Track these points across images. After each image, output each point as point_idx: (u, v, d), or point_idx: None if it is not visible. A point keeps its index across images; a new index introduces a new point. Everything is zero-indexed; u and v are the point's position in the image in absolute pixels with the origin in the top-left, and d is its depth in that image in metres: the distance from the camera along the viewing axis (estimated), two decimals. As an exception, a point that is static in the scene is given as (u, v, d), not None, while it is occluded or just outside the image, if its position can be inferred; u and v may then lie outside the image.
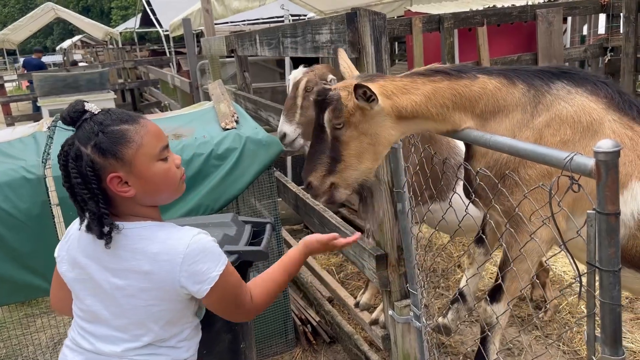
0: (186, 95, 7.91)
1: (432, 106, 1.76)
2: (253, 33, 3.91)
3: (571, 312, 3.35)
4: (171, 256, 1.37)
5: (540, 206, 1.65)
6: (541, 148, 1.24)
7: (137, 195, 1.39)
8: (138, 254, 1.38)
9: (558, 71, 1.81)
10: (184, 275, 1.38)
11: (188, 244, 1.38)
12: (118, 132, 1.35)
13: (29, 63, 14.66)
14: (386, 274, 2.49)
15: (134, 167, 1.36)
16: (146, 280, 1.39)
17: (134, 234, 1.39)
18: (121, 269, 1.39)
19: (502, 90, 1.80)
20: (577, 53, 6.25)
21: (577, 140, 1.74)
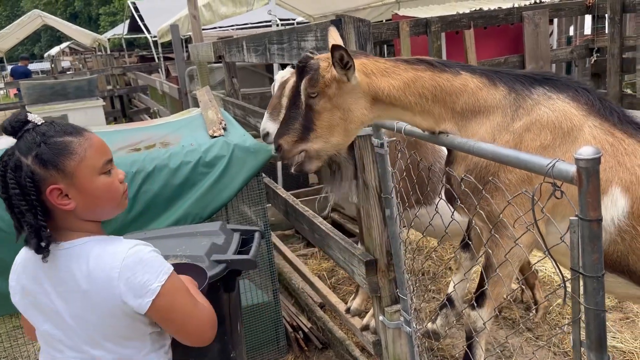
0: (175, 101, 7.89)
1: (411, 94, 1.76)
2: (240, 39, 3.91)
3: (561, 313, 3.36)
4: (107, 272, 1.32)
5: (521, 210, 1.66)
6: (524, 155, 1.24)
7: (77, 209, 1.35)
8: (75, 273, 1.34)
9: (540, 77, 1.82)
10: (122, 289, 1.32)
11: (123, 257, 1.33)
12: (61, 144, 1.32)
13: (15, 71, 14.56)
14: (376, 279, 2.49)
15: (76, 180, 1.33)
16: (87, 299, 1.34)
17: (71, 253, 1.35)
18: (64, 290, 1.36)
19: (484, 91, 1.80)
20: (563, 54, 6.30)
21: (558, 145, 1.75)
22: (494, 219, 1.73)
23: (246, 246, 2.43)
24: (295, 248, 4.97)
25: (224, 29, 12.54)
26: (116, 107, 13.02)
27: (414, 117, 1.82)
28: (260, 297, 3.24)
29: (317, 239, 3.05)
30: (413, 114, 1.81)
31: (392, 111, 1.83)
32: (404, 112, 1.82)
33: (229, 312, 2.21)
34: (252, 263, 2.20)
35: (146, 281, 1.33)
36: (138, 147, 3.02)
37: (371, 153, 2.35)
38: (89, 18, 41.97)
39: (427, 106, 1.78)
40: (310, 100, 1.79)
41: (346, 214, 5.31)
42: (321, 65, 1.76)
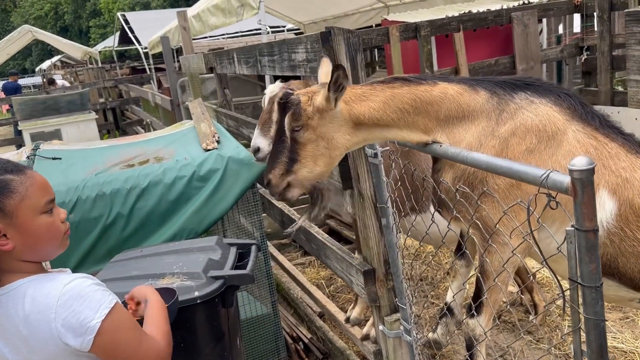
0: (168, 112, 7.87)
1: (392, 111, 1.80)
2: (231, 51, 3.91)
3: (561, 315, 3.36)
4: (43, 314, 1.26)
5: (513, 218, 1.66)
6: (517, 165, 1.24)
7: (16, 249, 1.29)
8: (14, 319, 1.27)
9: (521, 82, 1.84)
10: (61, 331, 1.26)
11: (59, 296, 1.26)
12: (1, 182, 1.28)
13: (6, 88, 14.52)
14: (374, 289, 2.48)
15: (16, 219, 1.28)
16: (28, 345, 1.27)
17: (7, 298, 1.28)
18: (7, 337, 1.29)
19: (465, 96, 1.82)
20: (553, 53, 6.32)
21: (543, 149, 1.76)
22: (485, 226, 1.73)
23: (243, 260, 2.42)
24: (292, 257, 4.96)
25: (214, 38, 12.54)
26: (109, 120, 12.99)
27: (401, 133, 1.85)
28: (259, 309, 3.23)
29: (314, 249, 3.05)
30: (399, 129, 1.85)
31: (377, 132, 1.87)
32: (390, 130, 1.85)
33: (227, 328, 2.19)
34: (249, 278, 2.19)
35: (84, 318, 1.27)
36: (132, 162, 3.01)
37: (365, 163, 2.35)
38: (80, 31, 41.95)
39: (410, 119, 1.82)
40: (295, 133, 1.84)
41: (343, 221, 5.30)
42: (302, 100, 1.83)
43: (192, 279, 2.06)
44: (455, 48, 5.39)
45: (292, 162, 1.85)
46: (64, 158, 3.17)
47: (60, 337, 1.26)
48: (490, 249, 1.74)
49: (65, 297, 1.26)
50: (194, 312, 2.02)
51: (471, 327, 1.90)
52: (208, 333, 2.10)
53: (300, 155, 1.84)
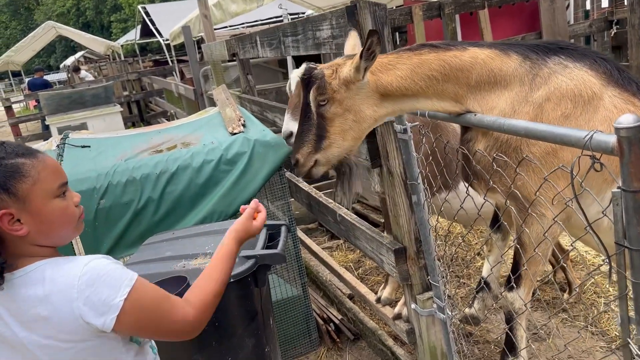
0: (191, 102, 7.92)
1: (419, 79, 1.75)
2: (253, 35, 3.89)
3: (596, 292, 3.29)
4: (64, 294, 1.24)
5: (552, 186, 1.62)
6: (559, 129, 1.20)
7: (31, 235, 1.27)
8: (32, 300, 1.25)
9: (555, 46, 1.77)
10: (83, 310, 1.24)
11: (79, 276, 1.25)
12: (12, 166, 1.25)
13: (33, 84, 14.77)
14: (406, 267, 2.46)
15: (29, 204, 1.26)
16: (49, 326, 1.26)
17: (26, 280, 1.27)
18: (25, 321, 1.27)
19: (496, 60, 1.76)
20: (581, 29, 6.15)
21: (579, 114, 1.70)
22: (522, 195, 1.69)
23: (273, 241, 2.42)
24: (319, 241, 4.96)
25: (234, 27, 12.54)
26: (134, 112, 13.14)
27: (430, 102, 1.80)
28: (290, 291, 3.24)
29: (342, 231, 3.03)
30: (428, 98, 1.79)
31: (406, 102, 1.82)
32: (418, 99, 1.80)
33: (260, 307, 2.20)
34: (281, 257, 2.19)
35: (107, 297, 1.25)
36: (160, 148, 3.03)
37: (394, 140, 2.31)
38: (101, 26, 42.43)
39: (440, 87, 1.76)
40: (321, 109, 1.81)
41: (369, 204, 5.28)
42: (326, 73, 1.80)
43: (224, 258, 2.07)
44: (481, 26, 5.28)
45: (320, 140, 1.82)
46: (93, 146, 3.20)
47: (82, 317, 1.25)
48: (528, 220, 1.69)
49: (86, 276, 1.25)
50: (228, 292, 2.01)
51: (510, 300, 1.86)
52: (241, 312, 2.11)
53: (328, 132, 1.80)
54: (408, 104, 1.82)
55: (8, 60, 21.70)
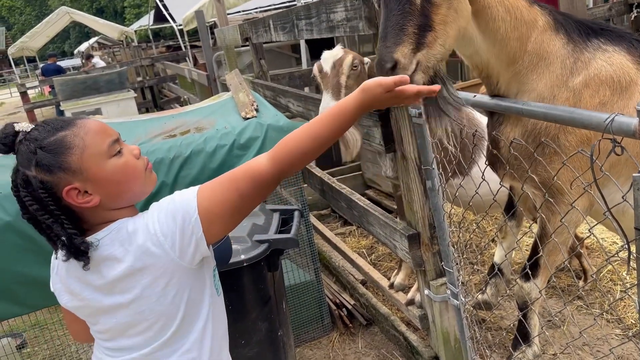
0: (204, 88, 7.91)
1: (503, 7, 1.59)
2: (267, 19, 3.86)
3: (613, 280, 3.26)
4: (159, 238, 1.24)
5: (580, 174, 1.58)
6: (578, 111, 1.17)
7: (103, 201, 1.26)
8: (122, 257, 1.26)
9: (597, 27, 1.71)
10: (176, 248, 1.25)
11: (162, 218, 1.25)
12: (55, 142, 1.23)
13: (46, 70, 14.86)
14: (419, 253, 2.45)
15: (87, 173, 1.24)
16: (147, 274, 1.27)
17: (107, 242, 1.27)
18: (110, 282, 1.28)
19: (547, 33, 1.67)
20: (601, 12, 6.02)
21: (616, 101, 1.66)
22: (553, 186, 1.64)
23: (286, 226, 2.42)
24: (332, 227, 4.96)
25: (247, 12, 12.48)
26: (147, 98, 13.18)
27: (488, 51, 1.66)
28: (303, 276, 3.25)
29: (355, 216, 3.02)
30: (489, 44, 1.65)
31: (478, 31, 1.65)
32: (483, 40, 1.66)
33: (273, 291, 2.21)
34: (294, 241, 2.19)
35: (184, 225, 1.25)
36: (173, 133, 3.03)
37: (409, 124, 2.29)
38: (115, 12, 42.48)
39: (509, 31, 1.62)
40: None
41: (382, 190, 5.26)
42: None
43: (237, 242, 2.08)
44: (497, 9, 5.19)
45: (424, 32, 1.44)
46: (107, 130, 3.21)
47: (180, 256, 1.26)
48: (552, 209, 1.66)
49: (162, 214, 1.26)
50: (241, 275, 2.04)
51: (527, 290, 1.84)
52: (255, 296, 2.12)
53: (434, 21, 1.45)
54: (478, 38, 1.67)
55: (23, 46, 21.82)
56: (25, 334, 3.58)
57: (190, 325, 1.35)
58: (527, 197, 1.76)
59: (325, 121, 1.27)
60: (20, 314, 2.72)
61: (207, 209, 1.26)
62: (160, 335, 1.33)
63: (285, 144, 1.30)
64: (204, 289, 1.37)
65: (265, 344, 2.18)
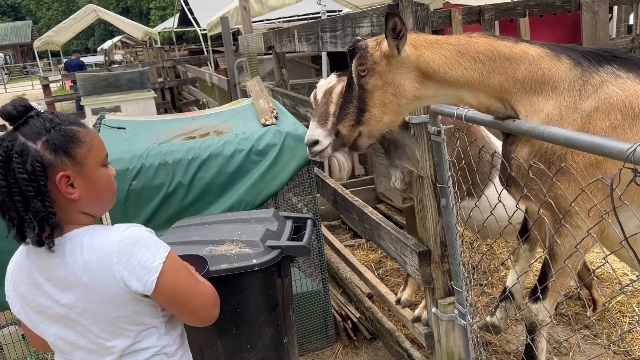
0: (224, 92, 7.99)
1: (465, 60, 1.71)
2: (291, 29, 3.91)
3: (621, 311, 3.23)
4: (104, 259, 1.29)
5: (590, 197, 1.58)
6: (601, 139, 1.18)
7: (80, 200, 1.32)
8: (72, 267, 1.30)
9: (608, 54, 1.73)
10: (124, 274, 1.29)
11: (118, 241, 1.30)
12: (70, 131, 1.31)
13: (69, 64, 15.10)
14: (429, 270, 2.45)
15: (84, 168, 1.32)
16: (90, 291, 1.30)
17: (65, 248, 1.31)
18: (66, 287, 1.31)
19: (546, 60, 1.72)
20: (623, 43, 6.01)
21: (627, 127, 1.65)
22: (558, 206, 1.66)
23: (298, 233, 2.44)
24: (341, 239, 4.96)
25: (270, 21, 12.61)
26: (166, 99, 13.32)
27: (475, 95, 1.76)
28: (310, 285, 3.25)
29: (367, 229, 3.03)
30: (472, 89, 1.76)
31: (449, 90, 1.79)
32: (462, 90, 1.77)
33: (282, 298, 2.22)
34: (305, 249, 2.20)
35: (146, 260, 1.31)
36: (193, 135, 3.07)
37: (427, 141, 2.31)
38: (140, 12, 43.05)
39: (485, 74, 1.71)
40: (362, 79, 1.81)
41: (394, 205, 5.26)
42: (369, 45, 1.82)
43: (250, 246, 2.10)
44: (520, 33, 5.21)
45: (361, 112, 1.83)
46: (128, 128, 3.26)
47: (123, 281, 1.30)
48: (562, 231, 1.67)
49: (125, 242, 1.30)
50: (252, 279, 2.06)
51: (534, 311, 1.84)
52: (263, 301, 2.13)
53: (368, 104, 1.81)
54: (451, 91, 1.79)
55: (48, 40, 22.20)
56: (32, 323, 3.61)
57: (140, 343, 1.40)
58: (542, 221, 1.77)
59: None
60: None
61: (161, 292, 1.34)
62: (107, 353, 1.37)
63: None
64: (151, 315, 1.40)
65: (270, 350, 2.19)
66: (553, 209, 1.64)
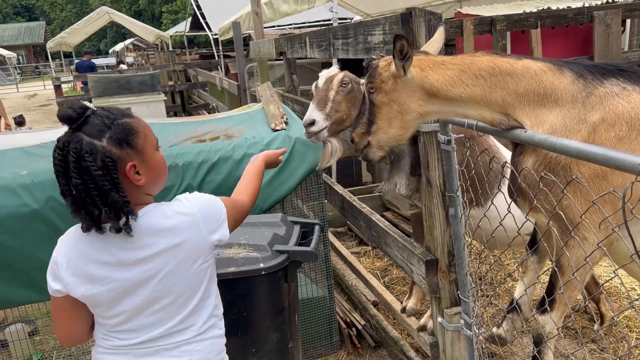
0: (234, 97, 8.02)
1: (467, 78, 1.78)
2: (303, 35, 3.93)
3: (629, 326, 3.20)
4: (190, 219, 1.46)
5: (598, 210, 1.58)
6: (614, 152, 1.17)
7: (145, 184, 1.45)
8: (162, 232, 1.43)
9: (614, 68, 1.74)
10: (209, 229, 1.49)
11: (194, 204, 1.49)
12: (127, 124, 1.42)
13: (80, 66, 15.22)
14: (436, 280, 2.44)
15: (145, 156, 1.44)
16: (181, 250, 1.45)
17: (144, 221, 1.43)
18: (150, 255, 1.43)
19: (548, 74, 1.75)
20: (636, 56, 5.98)
21: (634, 138, 1.65)
22: (565, 217, 1.65)
23: (306, 239, 2.44)
24: (347, 245, 4.96)
25: (281, 27, 12.66)
26: (177, 102, 13.39)
27: (478, 110, 1.81)
28: (316, 291, 3.25)
29: (373, 236, 3.03)
30: (475, 105, 1.81)
31: (453, 106, 1.85)
32: (466, 105, 1.82)
33: (288, 303, 2.22)
34: (313, 255, 2.20)
35: (218, 214, 1.52)
36: (203, 138, 3.09)
37: (437, 150, 2.31)
38: (152, 16, 43.40)
39: (487, 91, 1.77)
40: (371, 95, 1.94)
41: (401, 213, 5.25)
42: (380, 64, 1.92)
43: (258, 250, 2.10)
44: (532, 45, 5.20)
45: (370, 124, 1.97)
46: (139, 130, 3.28)
47: (208, 235, 1.49)
48: (570, 242, 1.66)
49: (198, 203, 1.50)
50: (258, 283, 2.06)
51: (541, 323, 1.83)
52: (269, 305, 2.13)
53: (376, 117, 1.94)
54: (455, 107, 1.85)
55: (61, 41, 22.41)
56: (37, 321, 3.63)
57: (206, 300, 1.55)
58: (551, 232, 1.76)
59: (254, 179, 1.82)
60: (37, 300, 2.77)
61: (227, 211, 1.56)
62: (181, 310, 1.50)
63: (245, 186, 1.77)
64: (214, 271, 1.61)
65: (275, 355, 2.19)
66: (559, 220, 1.64)
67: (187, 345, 1.51)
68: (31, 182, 2.67)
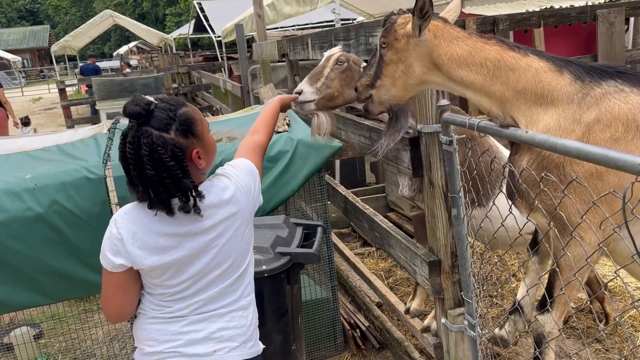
0: (237, 99, 8.04)
1: (473, 63, 1.80)
2: (305, 37, 3.93)
3: (634, 326, 3.18)
4: (244, 190, 1.64)
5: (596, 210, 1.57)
6: (614, 152, 1.17)
7: (204, 166, 1.59)
8: (222, 204, 1.58)
9: (613, 70, 1.73)
10: (255, 196, 1.69)
11: (242, 174, 1.66)
12: (186, 114, 1.53)
13: (85, 69, 15.27)
14: (439, 281, 2.44)
15: (204, 141, 1.58)
16: (238, 217, 1.61)
17: (209, 195, 1.56)
18: (214, 224, 1.56)
19: (548, 74, 1.77)
20: (639, 55, 5.96)
21: (630, 139, 1.65)
22: (559, 217, 1.65)
23: (308, 241, 2.44)
24: (351, 246, 4.96)
25: (284, 29, 12.68)
26: (180, 104, 13.38)
27: (475, 95, 1.85)
28: (319, 293, 3.25)
29: (377, 238, 3.03)
30: (473, 90, 1.84)
31: (453, 84, 1.89)
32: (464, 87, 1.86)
33: (291, 305, 2.22)
34: (315, 257, 2.21)
35: (257, 180, 1.71)
36: (205, 140, 3.09)
37: (439, 151, 2.30)
38: (156, 18, 43.53)
39: (488, 80, 1.80)
40: (382, 50, 1.94)
41: (404, 214, 5.25)
42: (397, 21, 1.92)
43: (260, 253, 2.10)
44: (535, 44, 5.18)
45: (376, 78, 1.99)
46: (142, 133, 3.29)
47: (255, 202, 1.69)
48: (565, 242, 1.66)
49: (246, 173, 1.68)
50: (261, 285, 2.06)
51: (541, 322, 1.82)
52: (272, 307, 2.13)
53: (382, 73, 1.96)
54: (456, 87, 1.89)
55: (66, 44, 22.49)
56: (42, 324, 3.65)
57: (250, 266, 1.71)
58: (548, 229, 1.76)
59: (270, 118, 2.00)
60: (42, 304, 2.79)
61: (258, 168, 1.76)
62: (236, 270, 1.65)
63: (262, 123, 1.94)
64: None
65: (278, 357, 2.19)
66: (557, 219, 1.64)
67: (235, 312, 1.64)
68: (35, 186, 2.68)
